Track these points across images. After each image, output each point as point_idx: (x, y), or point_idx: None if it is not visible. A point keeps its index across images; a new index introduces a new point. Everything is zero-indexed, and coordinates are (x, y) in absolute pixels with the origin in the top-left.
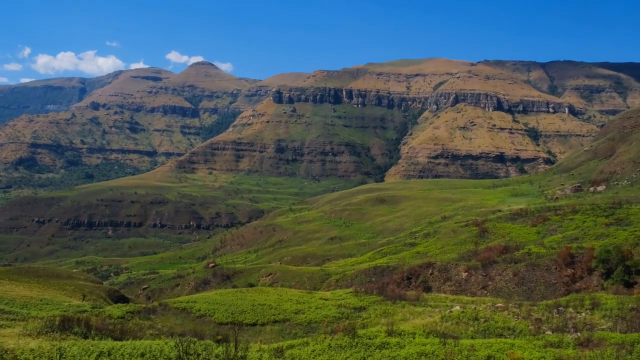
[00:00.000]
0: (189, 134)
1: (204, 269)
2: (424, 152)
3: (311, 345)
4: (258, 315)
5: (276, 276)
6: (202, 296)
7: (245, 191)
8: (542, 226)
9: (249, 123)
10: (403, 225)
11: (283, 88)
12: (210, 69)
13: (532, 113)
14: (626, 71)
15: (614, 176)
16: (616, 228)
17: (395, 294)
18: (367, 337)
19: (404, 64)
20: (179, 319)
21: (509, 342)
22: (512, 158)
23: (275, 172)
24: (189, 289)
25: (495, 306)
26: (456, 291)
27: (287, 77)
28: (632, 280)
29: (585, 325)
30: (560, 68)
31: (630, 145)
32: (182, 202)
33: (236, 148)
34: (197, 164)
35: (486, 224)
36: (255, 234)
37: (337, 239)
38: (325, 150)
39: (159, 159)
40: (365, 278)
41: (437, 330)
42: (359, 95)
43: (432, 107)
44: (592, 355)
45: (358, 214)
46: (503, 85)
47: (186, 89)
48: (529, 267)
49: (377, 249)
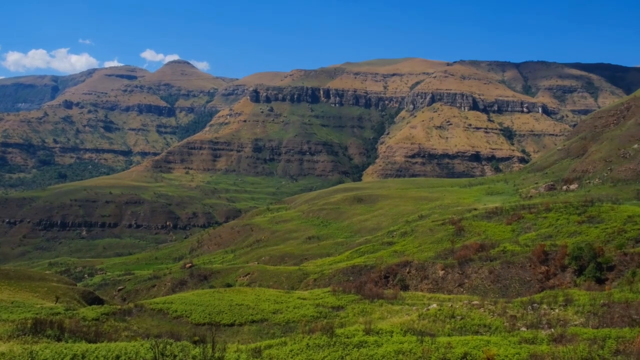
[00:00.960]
0: (165, 133)
1: (181, 269)
2: (401, 152)
3: (289, 345)
4: (236, 315)
5: (254, 276)
6: (179, 297)
7: (223, 191)
8: (516, 224)
9: (226, 122)
10: (380, 224)
11: (260, 87)
12: (187, 67)
13: (507, 113)
14: (597, 72)
15: (586, 175)
16: (588, 226)
17: (373, 292)
18: (345, 336)
19: (381, 64)
20: (155, 320)
21: (485, 339)
22: (488, 157)
23: (253, 171)
24: (165, 289)
25: (471, 304)
26: (433, 289)
27: (265, 76)
28: (604, 277)
29: (558, 322)
30: (533, 68)
31: (602, 145)
32: (159, 202)
33: (213, 147)
34: (173, 164)
35: (462, 222)
36: (232, 234)
37: (314, 239)
38: (303, 149)
39: (134, 158)
40: (343, 277)
41: (414, 328)
42: (337, 94)
43: (409, 106)
44: (565, 351)
45: (336, 213)
46: (478, 85)
47: (162, 88)
48: (504, 265)
49: (354, 248)
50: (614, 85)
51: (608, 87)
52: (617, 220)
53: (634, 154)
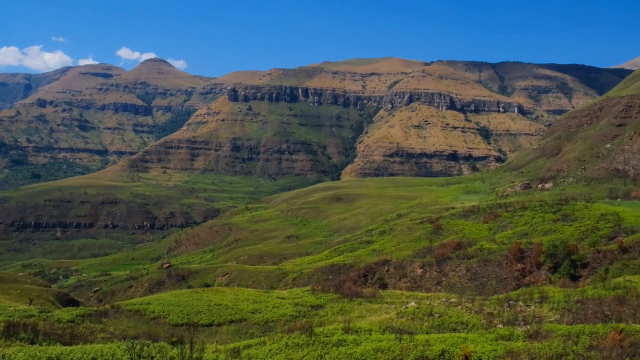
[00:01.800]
0: (142, 132)
1: (158, 269)
2: (379, 151)
3: (268, 344)
4: (214, 315)
5: (232, 276)
6: (157, 297)
7: (201, 190)
8: (493, 222)
9: (204, 121)
10: (359, 223)
11: (238, 86)
12: (164, 65)
13: (484, 112)
14: (571, 72)
15: (561, 174)
16: (563, 224)
17: (351, 291)
18: (324, 335)
19: (360, 63)
20: (132, 322)
21: (463, 336)
22: (465, 156)
23: (231, 170)
24: (142, 290)
25: (449, 301)
26: (411, 287)
27: (243, 75)
28: (578, 274)
29: (534, 318)
30: (509, 69)
31: (576, 144)
32: (135, 201)
33: (191, 147)
34: (150, 163)
35: (440, 221)
36: (211, 234)
37: (293, 238)
38: (282, 148)
39: (110, 157)
40: (322, 276)
41: (393, 326)
42: (315, 93)
43: (387, 106)
44: (540, 347)
45: (314, 212)
46: (456, 85)
47: (138, 86)
48: (481, 263)
49: (333, 247)
50: (587, 86)
51: (582, 88)
52: (590, 218)
53: (606, 154)
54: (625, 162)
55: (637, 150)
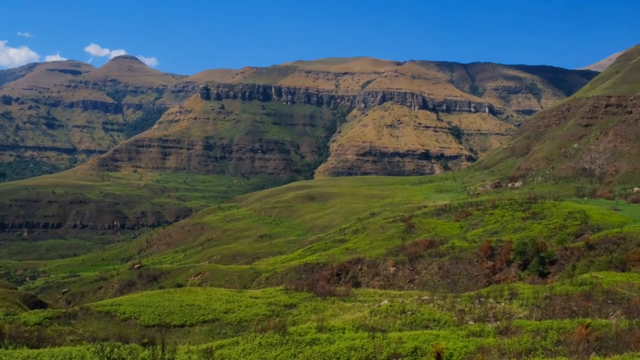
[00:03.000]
0: (112, 131)
1: (129, 270)
2: (352, 150)
3: (241, 344)
4: (186, 316)
5: (205, 276)
6: (127, 298)
7: (172, 189)
8: (464, 221)
9: (176, 120)
10: (332, 222)
11: (211, 84)
12: (134, 63)
13: (455, 112)
14: (540, 74)
15: (530, 173)
16: (532, 222)
17: (325, 290)
18: (297, 334)
19: (333, 62)
20: (102, 323)
21: (435, 333)
22: (437, 155)
23: (204, 169)
24: (113, 291)
25: (421, 299)
26: (384, 285)
27: (215, 73)
28: (546, 271)
29: (504, 315)
30: (480, 69)
31: (544, 144)
32: (105, 201)
33: (162, 145)
34: (120, 162)
35: (413, 219)
36: (183, 233)
37: (267, 237)
38: (255, 147)
39: (79, 156)
40: (296, 275)
41: (366, 324)
42: (288, 92)
43: (360, 105)
44: (510, 342)
45: (288, 211)
46: (428, 85)
47: (108, 84)
48: (453, 261)
49: (307, 246)
50: (555, 87)
51: (550, 89)
52: (558, 216)
53: (574, 153)
54: (591, 161)
55: (603, 150)
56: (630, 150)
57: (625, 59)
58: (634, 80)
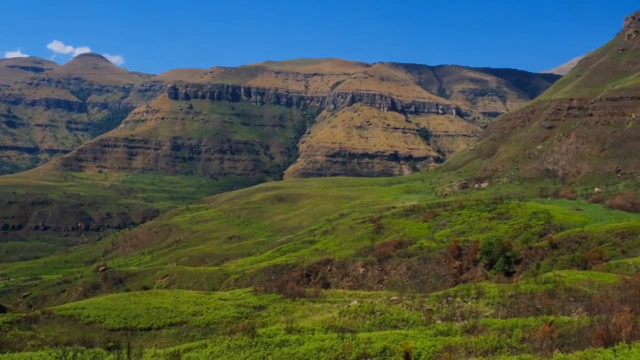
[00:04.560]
0: (76, 130)
1: (94, 272)
2: (322, 151)
3: (209, 347)
4: (153, 319)
5: (172, 278)
6: (92, 302)
7: (139, 190)
8: (432, 221)
9: (143, 119)
10: (302, 223)
11: (179, 84)
12: (100, 61)
13: (423, 114)
14: (505, 76)
15: (496, 173)
16: (498, 222)
17: (294, 291)
18: (266, 335)
19: (303, 63)
20: (65, 328)
21: (403, 333)
22: (406, 157)
23: (171, 170)
24: (76, 294)
25: (390, 299)
26: (354, 286)
27: (183, 72)
28: (512, 270)
29: (471, 313)
30: (447, 72)
31: (509, 145)
32: (69, 202)
33: (129, 145)
34: (85, 162)
35: (382, 220)
36: (150, 235)
37: (235, 238)
38: (224, 148)
39: (41, 156)
40: (265, 276)
41: (335, 325)
42: (258, 93)
43: (330, 106)
44: (477, 341)
45: (257, 212)
46: (397, 86)
47: (72, 82)
48: (421, 261)
49: (276, 247)
50: (520, 89)
51: (515, 92)
52: (523, 216)
53: (537, 154)
54: (554, 162)
55: (566, 151)
56: (591, 151)
57: (586, 63)
58: (594, 84)
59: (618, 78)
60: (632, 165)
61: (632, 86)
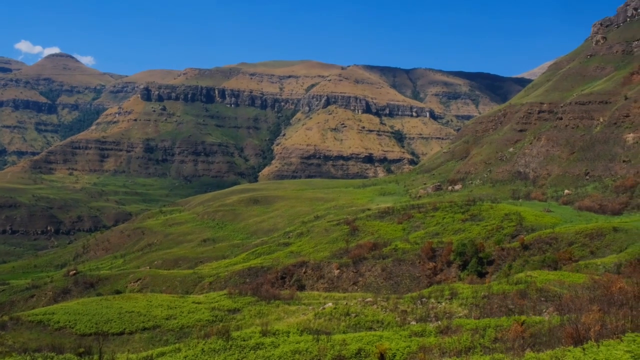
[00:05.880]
0: (46, 132)
1: (64, 277)
2: (297, 153)
3: (183, 351)
4: (126, 323)
5: (145, 281)
6: (62, 307)
7: (111, 193)
8: (407, 223)
9: (115, 121)
10: (277, 225)
11: (152, 85)
12: (70, 61)
13: (398, 116)
14: (478, 80)
15: (469, 176)
16: (471, 223)
17: (269, 294)
18: (241, 338)
19: (277, 65)
20: (34, 333)
21: (378, 334)
22: (380, 159)
23: (144, 172)
24: (46, 299)
25: (365, 301)
26: (329, 288)
27: (156, 73)
28: (484, 270)
29: (445, 314)
30: (421, 75)
31: (482, 148)
32: (38, 205)
33: (100, 147)
34: (55, 164)
35: (357, 222)
36: (122, 238)
37: (210, 241)
38: (197, 150)
39: (9, 158)
40: (240, 279)
41: (310, 327)
42: (232, 95)
43: (305, 108)
44: (450, 341)
45: (232, 214)
46: (371, 89)
47: (41, 83)
48: (396, 262)
49: (251, 250)
50: (492, 93)
51: (487, 95)
52: (495, 218)
53: (509, 157)
54: (526, 165)
55: (536, 154)
56: (560, 154)
57: (555, 68)
58: (564, 88)
59: (586, 83)
60: (600, 168)
61: (600, 91)
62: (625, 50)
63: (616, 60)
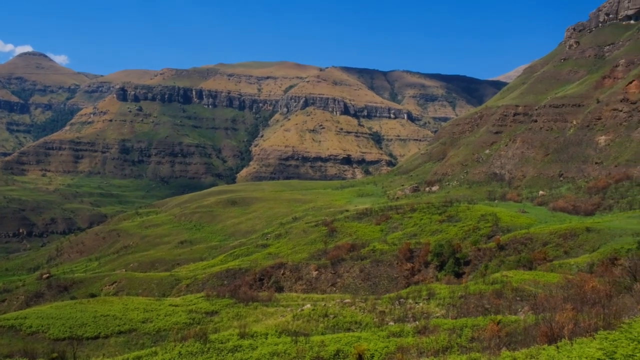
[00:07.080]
0: (18, 132)
1: (37, 280)
2: (275, 154)
3: (160, 354)
4: (101, 327)
5: (121, 284)
6: (34, 311)
7: (86, 194)
8: (385, 224)
9: (90, 121)
10: (255, 226)
11: (128, 85)
12: (43, 60)
13: (376, 118)
14: (455, 83)
15: (446, 177)
16: (448, 224)
17: (247, 295)
18: (219, 341)
19: (256, 66)
20: (6, 339)
21: (356, 335)
22: (358, 160)
23: (120, 173)
24: (18, 304)
25: (343, 302)
26: (307, 289)
27: (133, 73)
28: (461, 271)
29: (422, 314)
30: (399, 77)
31: (459, 150)
32: (9, 207)
33: (75, 148)
34: (27, 165)
35: (335, 223)
36: (97, 241)
37: (187, 243)
38: (175, 151)
39: None
40: (217, 281)
41: (289, 329)
42: (210, 95)
43: (283, 109)
44: (428, 341)
45: (209, 216)
46: (349, 90)
47: (13, 82)
48: (374, 263)
49: (229, 252)
50: (469, 95)
51: (464, 97)
52: (472, 218)
53: (485, 159)
54: (501, 166)
55: (512, 155)
56: (535, 156)
57: (530, 71)
58: (538, 91)
59: (560, 86)
60: (573, 170)
61: (573, 94)
62: (598, 55)
63: (589, 64)
